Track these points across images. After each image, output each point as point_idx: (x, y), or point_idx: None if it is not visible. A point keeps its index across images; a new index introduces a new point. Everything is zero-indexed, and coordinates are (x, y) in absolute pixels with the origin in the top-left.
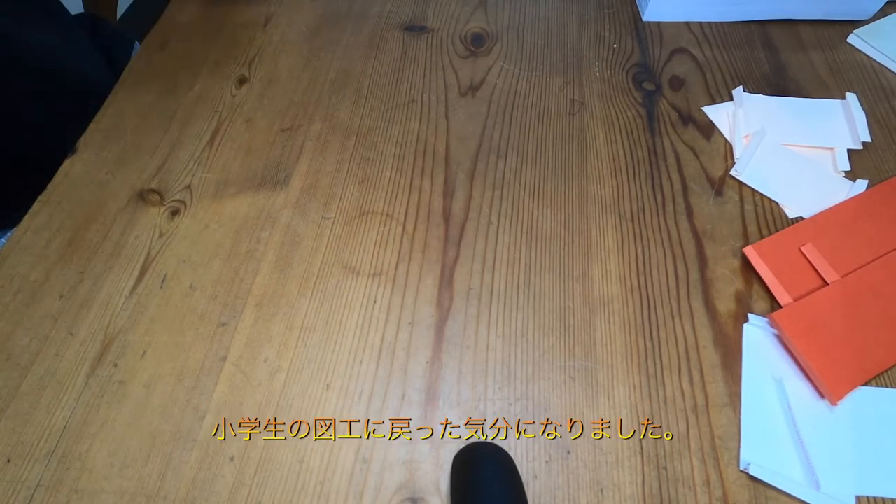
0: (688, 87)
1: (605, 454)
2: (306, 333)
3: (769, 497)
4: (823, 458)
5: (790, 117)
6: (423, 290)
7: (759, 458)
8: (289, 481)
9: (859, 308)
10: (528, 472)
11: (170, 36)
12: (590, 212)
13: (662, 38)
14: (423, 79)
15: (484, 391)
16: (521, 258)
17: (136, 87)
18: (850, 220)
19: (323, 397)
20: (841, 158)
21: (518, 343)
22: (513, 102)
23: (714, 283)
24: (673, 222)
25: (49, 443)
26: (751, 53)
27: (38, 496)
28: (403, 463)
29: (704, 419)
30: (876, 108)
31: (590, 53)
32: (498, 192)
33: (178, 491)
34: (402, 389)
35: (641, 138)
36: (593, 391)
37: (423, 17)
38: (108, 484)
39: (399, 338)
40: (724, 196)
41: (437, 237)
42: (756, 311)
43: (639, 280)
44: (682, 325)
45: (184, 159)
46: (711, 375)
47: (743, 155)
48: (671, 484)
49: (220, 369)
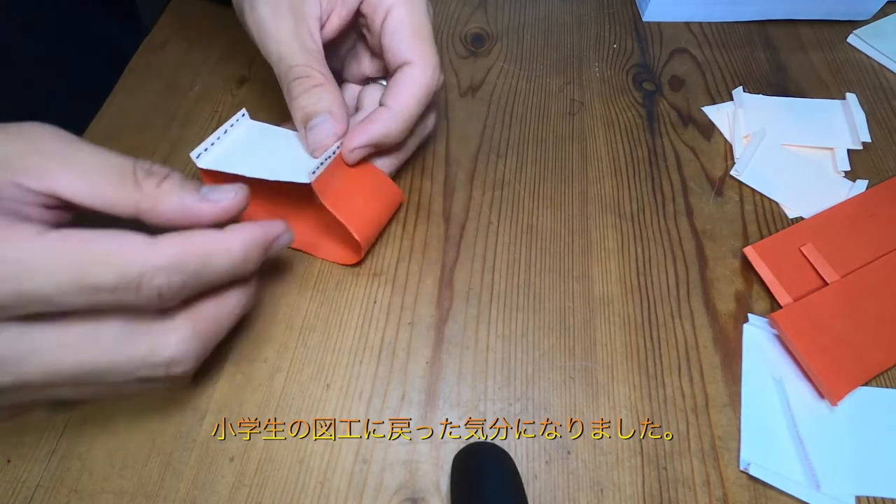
0: (688, 87)
1: (605, 454)
2: (306, 333)
3: (769, 497)
4: (823, 458)
5: (790, 117)
6: (423, 290)
7: (759, 458)
8: (289, 481)
9: (859, 308)
10: (528, 472)
11: (170, 36)
12: (590, 212)
13: (662, 38)
14: None
15: (484, 391)
16: (521, 258)
17: (136, 87)
18: (850, 220)
19: (323, 397)
20: (841, 158)
21: (518, 343)
22: (513, 102)
23: (714, 283)
24: (673, 222)
25: (49, 443)
26: (751, 53)
27: (38, 496)
28: (403, 463)
29: (704, 419)
30: (876, 108)
31: (590, 53)
32: (498, 193)
33: (178, 491)
34: (402, 389)
35: (641, 138)
36: (593, 391)
37: None
38: (108, 484)
39: (399, 338)
40: (724, 196)
41: (437, 237)
42: (756, 311)
43: (639, 280)
44: (682, 325)
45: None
46: (711, 375)
47: (743, 155)
48: (671, 484)
49: (220, 369)
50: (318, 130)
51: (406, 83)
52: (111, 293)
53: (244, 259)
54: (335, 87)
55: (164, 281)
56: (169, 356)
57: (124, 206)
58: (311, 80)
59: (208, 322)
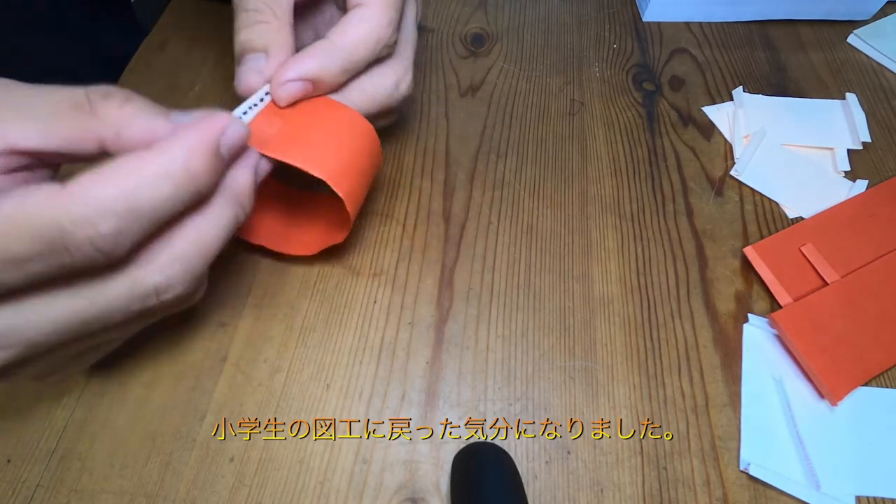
0: (688, 87)
1: (605, 454)
2: (306, 333)
3: (769, 497)
4: (823, 458)
5: (790, 117)
6: (423, 290)
7: (759, 458)
8: (289, 481)
9: (859, 308)
10: (528, 472)
11: (170, 36)
12: (590, 212)
13: (662, 38)
14: (422, 79)
15: (484, 391)
16: (521, 258)
17: (136, 88)
18: (850, 220)
19: (323, 397)
20: (841, 158)
21: (518, 343)
22: (513, 102)
23: (714, 283)
24: (673, 222)
25: (49, 443)
26: (751, 53)
27: (38, 496)
28: (403, 463)
29: (704, 419)
30: (876, 108)
31: (590, 53)
32: (498, 193)
33: (178, 491)
34: (402, 389)
35: (641, 138)
36: (593, 391)
37: (423, 17)
38: (108, 484)
39: (399, 338)
40: (724, 196)
41: (437, 237)
42: (756, 311)
43: (639, 280)
44: (682, 325)
45: None
46: (711, 375)
47: (743, 155)
48: (671, 484)
49: (220, 369)
50: (246, 68)
51: (354, 21)
52: (41, 261)
53: (188, 174)
54: (284, 28)
55: (93, 233)
56: (152, 285)
57: (85, 140)
58: (258, 14)
59: (187, 241)
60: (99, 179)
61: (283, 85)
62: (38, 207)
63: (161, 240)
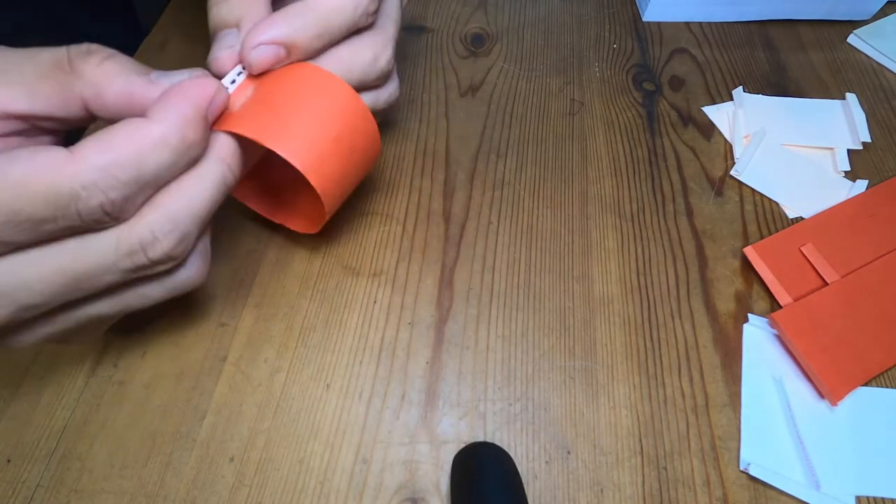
0: (688, 87)
1: (604, 454)
2: (306, 333)
3: (769, 497)
4: (823, 458)
5: (790, 117)
6: (423, 290)
7: (759, 458)
8: (289, 481)
9: (859, 308)
10: (528, 472)
11: (170, 36)
12: (590, 212)
13: (662, 38)
14: (422, 79)
15: (484, 391)
16: (521, 258)
17: None
18: (850, 220)
19: (323, 397)
20: (841, 158)
21: (518, 343)
22: (513, 102)
23: (714, 283)
24: (673, 222)
25: (49, 443)
26: (751, 53)
27: (38, 496)
28: (403, 463)
29: (704, 419)
30: (876, 109)
31: (590, 53)
32: (498, 193)
33: (178, 491)
34: (402, 389)
35: (641, 138)
36: (593, 391)
37: (423, 18)
38: (108, 484)
39: (399, 338)
40: (724, 196)
41: (437, 237)
42: (756, 311)
43: (639, 280)
44: (682, 325)
45: None
46: (711, 375)
47: (743, 155)
48: (671, 484)
49: (220, 369)
50: (218, 46)
51: None
52: (54, 223)
53: (184, 142)
54: (261, 3)
55: (104, 199)
56: (137, 240)
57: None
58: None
59: (171, 198)
60: (105, 148)
61: (254, 49)
62: (52, 172)
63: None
